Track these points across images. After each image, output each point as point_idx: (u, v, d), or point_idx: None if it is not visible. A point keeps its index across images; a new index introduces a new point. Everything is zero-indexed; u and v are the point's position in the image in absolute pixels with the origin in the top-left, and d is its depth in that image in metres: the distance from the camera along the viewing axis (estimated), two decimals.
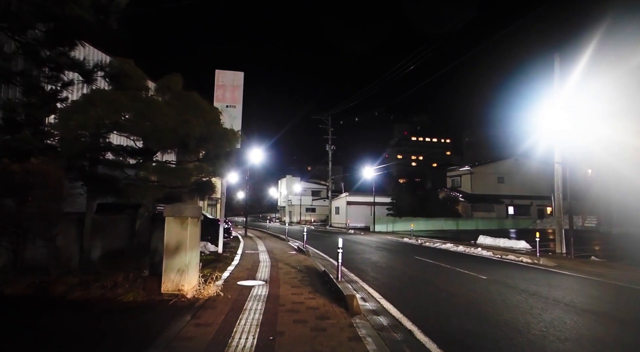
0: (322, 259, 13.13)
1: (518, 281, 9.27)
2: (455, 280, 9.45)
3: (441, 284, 8.89)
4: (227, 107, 13.19)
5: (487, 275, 9.96)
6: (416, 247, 18.85)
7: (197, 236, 6.82)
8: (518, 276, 10.06)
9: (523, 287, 8.55)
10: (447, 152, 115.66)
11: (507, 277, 9.80)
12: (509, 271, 11.15)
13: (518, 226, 37.84)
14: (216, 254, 12.90)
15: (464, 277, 9.85)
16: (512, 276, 10.12)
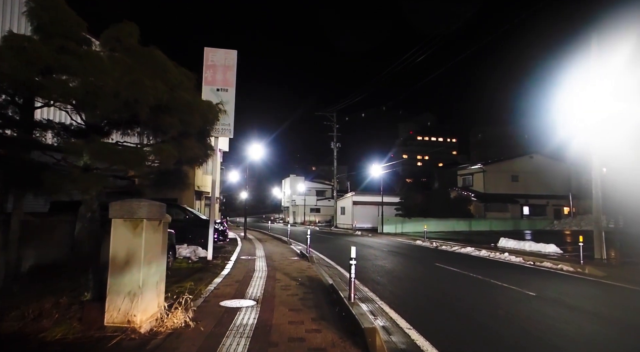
0: (328, 267, 11.29)
1: (579, 300, 7.37)
2: (498, 298, 7.55)
3: (484, 305, 7.00)
4: (219, 91, 11.40)
5: (534, 290, 8.05)
6: (433, 252, 16.94)
7: (160, 245, 5.00)
8: (573, 292, 8.16)
9: (591, 308, 6.66)
10: (454, 152, 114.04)
11: (561, 294, 7.89)
12: (556, 283, 9.24)
13: (534, 227, 35.75)
14: (205, 261, 11.08)
15: (507, 293, 7.96)
16: (566, 291, 8.22)
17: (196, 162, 5.64)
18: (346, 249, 17.68)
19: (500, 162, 41.65)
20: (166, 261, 9.73)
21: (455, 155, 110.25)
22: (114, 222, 4.56)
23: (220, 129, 11.31)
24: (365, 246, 18.72)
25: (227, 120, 11.35)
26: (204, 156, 5.53)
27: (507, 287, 8.39)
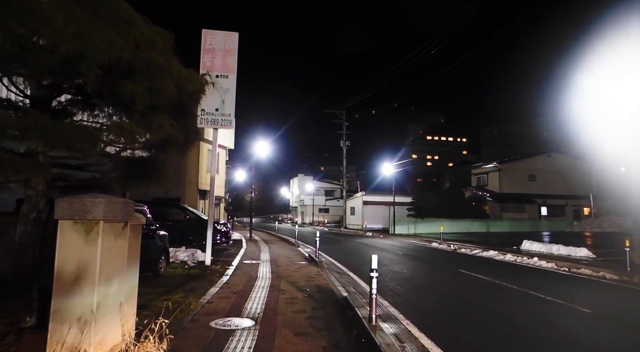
0: (340, 274, 10.10)
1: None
2: (549, 316, 6.29)
3: (536, 327, 5.75)
4: (218, 78, 10.26)
5: (586, 305, 6.77)
6: (452, 256, 15.65)
7: (124, 255, 3.85)
8: (633, 307, 6.87)
9: None
10: (464, 152, 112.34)
11: (620, 310, 6.62)
12: (607, 296, 7.96)
13: (553, 229, 34.14)
14: (202, 267, 9.96)
15: (556, 309, 6.69)
16: (624, 307, 6.94)
17: (173, 147, 4.47)
18: (358, 253, 16.65)
19: (517, 161, 40.04)
20: (159, 266, 8.65)
21: (465, 155, 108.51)
22: (60, 224, 3.43)
23: (219, 119, 10.19)
24: (378, 249, 17.49)
25: (227, 110, 10.24)
26: (184, 140, 4.36)
27: (552, 302, 7.12)
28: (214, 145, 10.52)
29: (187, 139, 4.42)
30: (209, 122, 10.15)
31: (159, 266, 8.53)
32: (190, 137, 4.56)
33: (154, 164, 4.30)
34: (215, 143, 10.54)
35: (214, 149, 10.60)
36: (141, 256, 7.92)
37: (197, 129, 4.76)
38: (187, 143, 4.60)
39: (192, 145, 4.84)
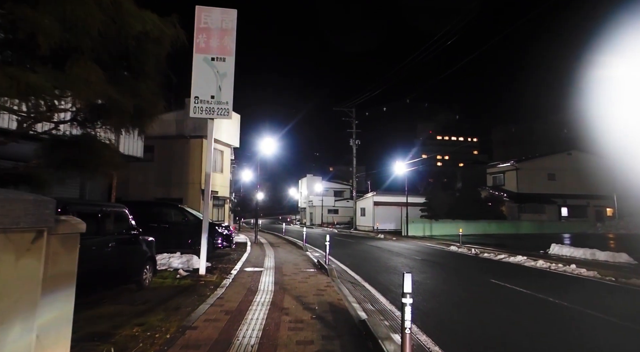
0: (354, 285, 8.78)
1: None
2: None
3: None
4: (214, 61, 9.02)
5: None
6: (475, 261, 14.22)
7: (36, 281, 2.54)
8: None
9: None
10: (475, 151, 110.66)
11: None
12: None
13: (575, 230, 32.38)
14: (196, 276, 8.70)
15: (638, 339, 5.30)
16: None
17: (117, 120, 3.17)
18: (371, 258, 15.26)
19: (535, 159, 38.30)
20: (142, 277, 7.40)
21: (476, 155, 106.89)
22: None
23: (215, 108, 8.94)
24: (393, 253, 16.12)
25: (224, 97, 8.99)
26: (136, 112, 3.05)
27: (628, 328, 5.72)
28: (209, 138, 9.27)
29: (141, 110, 3.12)
30: (203, 111, 8.91)
31: (143, 276, 7.29)
32: (147, 108, 3.26)
33: (90, 145, 3.02)
34: (211, 135, 9.30)
35: (210, 142, 9.35)
36: (121, 265, 6.69)
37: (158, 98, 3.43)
38: (144, 117, 3.30)
39: (152, 120, 3.56)
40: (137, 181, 21.19)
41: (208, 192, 9.28)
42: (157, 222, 13.83)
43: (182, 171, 21.33)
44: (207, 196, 9.27)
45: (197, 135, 21.12)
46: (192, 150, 21.30)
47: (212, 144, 9.29)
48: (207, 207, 9.27)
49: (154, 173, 21.50)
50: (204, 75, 8.97)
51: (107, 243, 6.26)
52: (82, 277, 5.45)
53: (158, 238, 13.84)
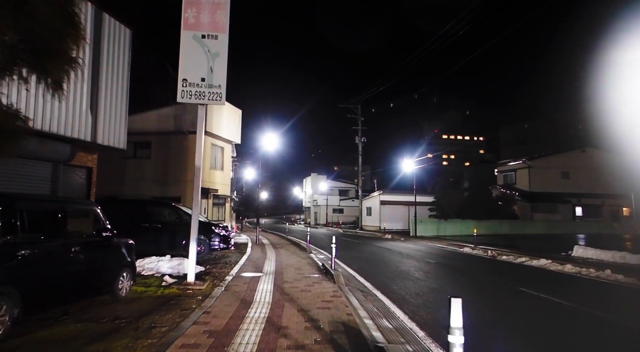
0: (364, 293, 7.66)
1: None
2: None
3: None
4: (205, 38, 7.94)
5: None
6: (495, 265, 13.06)
7: None
8: None
9: None
10: (481, 151, 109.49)
11: None
12: None
13: (591, 230, 31.02)
14: (183, 285, 7.62)
15: None
16: None
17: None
18: (380, 261, 13.95)
19: (548, 157, 36.95)
20: (117, 286, 6.28)
21: (482, 154, 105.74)
22: None
23: (206, 92, 7.86)
24: (403, 256, 14.98)
25: (216, 80, 7.91)
26: None
27: None
28: (199, 126, 8.19)
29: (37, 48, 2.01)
30: (192, 96, 7.84)
31: (118, 286, 6.22)
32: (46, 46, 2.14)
33: None
34: (201, 124, 8.21)
35: (200, 130, 8.26)
36: (88, 274, 5.59)
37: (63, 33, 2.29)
38: (44, 58, 2.21)
39: (62, 62, 2.48)
40: (133, 178, 20.22)
41: (198, 187, 8.20)
42: (148, 222, 12.82)
43: (180, 169, 20.30)
44: (197, 192, 8.20)
45: (195, 130, 20.09)
46: (190, 146, 20.22)
47: (203, 132, 8.21)
48: (196, 205, 8.17)
49: (151, 170, 20.50)
50: (193, 55, 7.89)
51: (70, 248, 5.20)
52: (33, 288, 4.39)
53: (150, 239, 12.90)
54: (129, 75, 8.86)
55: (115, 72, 8.38)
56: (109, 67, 8.25)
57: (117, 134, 8.40)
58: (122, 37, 8.95)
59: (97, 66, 7.91)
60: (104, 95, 8.01)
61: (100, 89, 7.94)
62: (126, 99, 8.74)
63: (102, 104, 7.95)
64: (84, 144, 7.77)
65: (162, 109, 20.82)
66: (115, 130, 8.37)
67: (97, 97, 7.81)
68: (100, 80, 7.99)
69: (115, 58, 8.46)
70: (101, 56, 8.04)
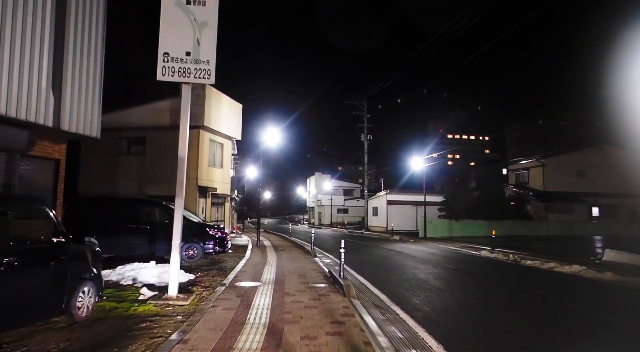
0: (381, 310, 6.34)
1: None
2: None
3: None
4: (190, 5, 6.66)
5: None
6: (521, 272, 11.70)
7: None
8: None
9: None
10: (486, 150, 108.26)
11: None
12: None
13: (609, 232, 29.54)
14: (163, 299, 6.33)
15: None
16: None
17: None
18: (393, 266, 11.91)
19: (563, 155, 35.41)
20: (73, 305, 4.83)
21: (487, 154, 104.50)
22: None
23: (191, 68, 6.58)
24: (417, 260, 13.63)
25: (204, 54, 6.62)
26: None
27: None
28: (183, 109, 6.86)
29: None
30: (175, 73, 6.56)
31: (76, 304, 4.95)
32: None
33: None
34: (186, 106, 6.90)
35: (185, 114, 6.92)
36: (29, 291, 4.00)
37: None
38: None
39: None
40: (127, 176, 19.01)
41: (182, 181, 6.91)
42: (136, 222, 11.58)
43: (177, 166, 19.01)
44: (181, 186, 6.91)
45: (193, 125, 18.80)
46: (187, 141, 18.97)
47: (188, 117, 6.90)
48: (180, 201, 6.88)
49: (145, 168, 19.24)
50: (176, 25, 6.61)
51: (2, 258, 3.92)
52: None
53: (137, 242, 11.66)
54: (104, 49, 7.55)
55: (85, 43, 7.03)
56: (77, 35, 6.91)
57: (88, 119, 7.13)
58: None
59: (60, 33, 6.56)
60: (70, 71, 6.72)
61: (65, 63, 6.63)
62: (100, 78, 7.46)
63: (68, 82, 6.66)
64: (45, 130, 6.50)
65: (158, 103, 19.59)
66: (86, 115, 7.09)
67: (62, 73, 6.53)
68: (66, 51, 6.65)
69: (86, 24, 7.08)
70: (67, 20, 6.70)
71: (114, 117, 19.39)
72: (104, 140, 19.57)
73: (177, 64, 6.55)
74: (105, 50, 7.56)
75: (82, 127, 7.02)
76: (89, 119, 7.16)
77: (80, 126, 6.94)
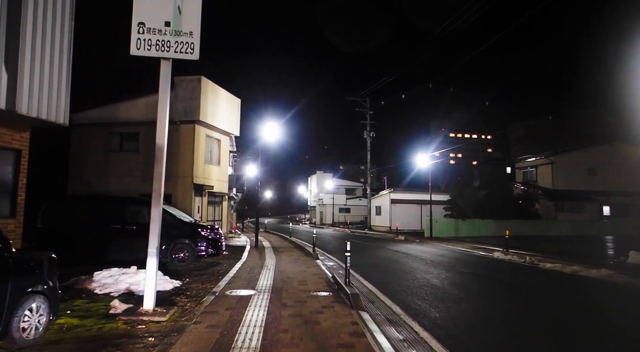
0: (397, 326, 5.33)
1: None
2: None
3: None
4: None
5: None
6: (542, 277, 10.68)
7: None
8: None
9: None
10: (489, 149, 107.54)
11: None
12: None
13: (621, 231, 28.46)
14: (137, 314, 5.34)
15: None
16: None
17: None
18: (403, 270, 10.88)
19: (573, 152, 34.30)
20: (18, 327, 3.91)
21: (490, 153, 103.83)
22: None
23: (172, 41, 5.58)
24: (428, 263, 12.62)
25: (186, 25, 5.63)
26: None
27: None
28: (162, 86, 5.84)
29: None
30: (152, 46, 5.56)
31: (17, 325, 3.96)
32: None
33: None
34: (166, 83, 5.88)
35: (165, 91, 5.90)
36: None
37: None
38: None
39: None
40: (119, 173, 17.99)
41: (160, 175, 5.91)
42: (121, 223, 10.60)
43: (171, 163, 17.94)
44: (159, 182, 5.91)
45: (188, 120, 17.86)
46: (182, 137, 18.01)
47: (168, 99, 5.90)
48: (158, 200, 5.87)
49: (139, 165, 18.21)
50: None
51: None
52: None
53: (122, 244, 10.63)
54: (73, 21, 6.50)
55: (49, 15, 6.00)
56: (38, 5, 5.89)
57: (53, 104, 6.13)
58: None
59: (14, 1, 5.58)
60: (29, 47, 5.70)
61: (22, 38, 5.62)
62: (68, 57, 6.44)
63: (26, 59, 5.64)
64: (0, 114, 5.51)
65: (151, 97, 18.51)
66: (51, 99, 6.09)
67: (18, 47, 5.53)
68: (23, 24, 5.65)
69: None
70: None
71: (105, 112, 18.43)
72: (95, 136, 18.79)
73: (154, 36, 5.56)
74: (75, 22, 6.53)
75: (46, 113, 6.02)
76: (54, 104, 6.16)
77: (43, 111, 5.95)
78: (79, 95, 20.36)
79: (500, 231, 26.74)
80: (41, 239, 10.17)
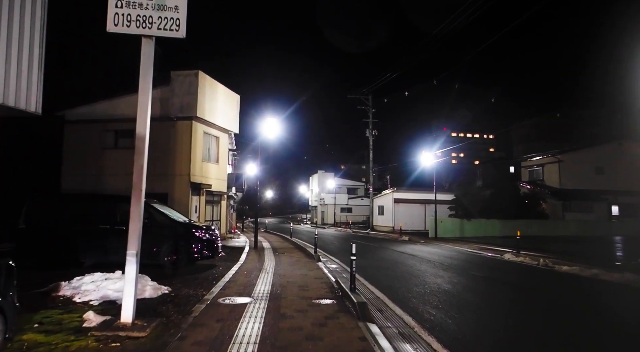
0: (413, 345, 4.64)
1: None
2: None
3: None
4: None
5: None
6: (562, 281, 9.98)
7: None
8: None
9: None
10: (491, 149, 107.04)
11: None
12: None
13: (630, 232, 27.71)
14: (113, 327, 4.65)
15: None
16: None
17: None
18: (410, 273, 10.09)
19: (580, 151, 33.52)
20: None
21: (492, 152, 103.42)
22: None
23: (154, 17, 4.90)
24: (436, 265, 11.91)
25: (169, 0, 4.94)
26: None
27: None
28: (143, 69, 5.16)
29: None
30: (132, 22, 4.89)
31: None
32: None
33: None
34: (148, 66, 5.20)
35: (146, 74, 5.21)
36: None
37: None
38: None
39: None
40: (114, 171, 17.30)
41: (141, 168, 5.27)
42: (109, 223, 9.91)
43: (167, 160, 17.38)
44: (140, 176, 5.26)
45: (185, 116, 17.20)
46: (179, 134, 17.36)
47: (150, 82, 5.23)
48: (139, 197, 5.21)
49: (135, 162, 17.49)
50: None
51: None
52: None
53: (110, 246, 9.94)
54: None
55: None
56: None
57: (22, 90, 5.46)
58: None
59: None
60: None
61: None
62: (40, 38, 5.77)
63: None
64: None
65: None
66: (19, 84, 5.42)
67: None
68: None
69: None
70: None
71: (100, 108, 17.81)
72: (89, 133, 18.17)
73: (134, 10, 4.88)
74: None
75: (14, 100, 5.35)
76: (23, 90, 5.48)
77: (10, 97, 5.28)
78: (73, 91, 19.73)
79: (506, 230, 26.07)
80: (23, 240, 9.51)
